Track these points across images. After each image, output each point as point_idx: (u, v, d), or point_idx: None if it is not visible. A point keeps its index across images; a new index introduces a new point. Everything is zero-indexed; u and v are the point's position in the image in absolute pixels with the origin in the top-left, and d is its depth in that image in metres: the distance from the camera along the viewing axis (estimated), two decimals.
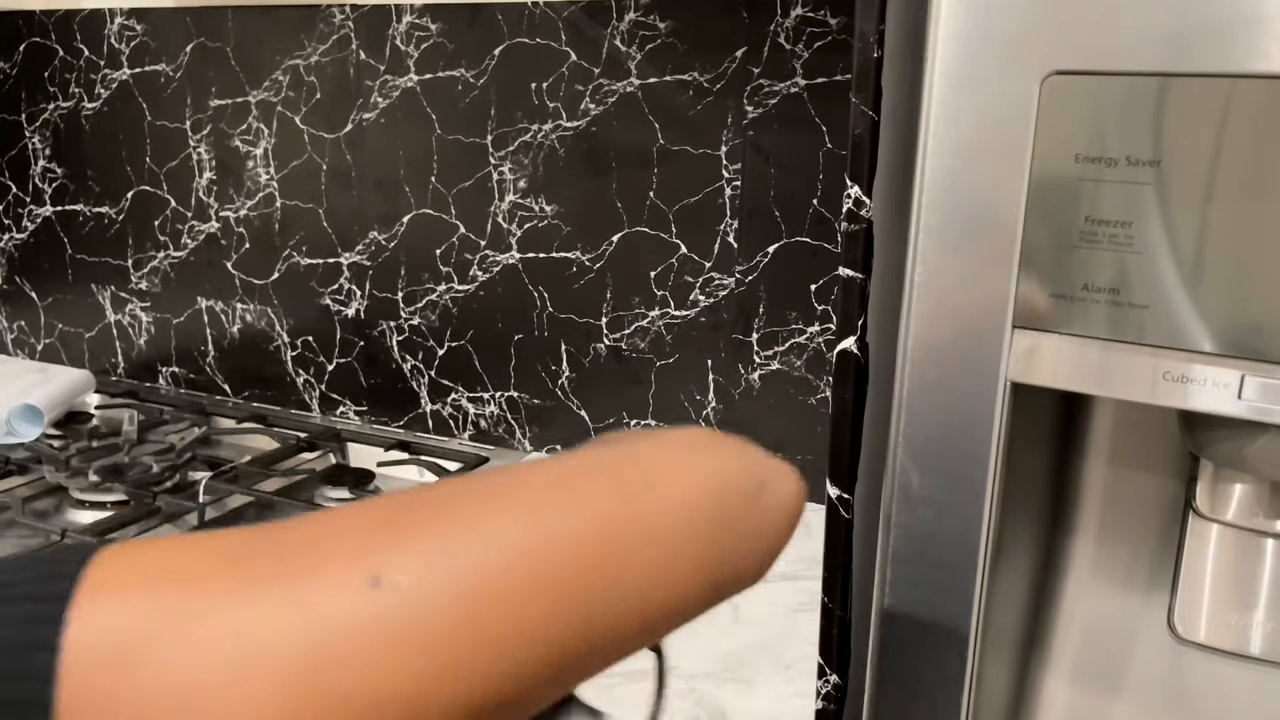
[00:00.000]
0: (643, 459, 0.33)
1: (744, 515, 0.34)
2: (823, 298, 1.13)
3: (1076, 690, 0.65)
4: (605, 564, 0.29)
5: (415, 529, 0.28)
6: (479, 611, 0.26)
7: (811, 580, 1.01)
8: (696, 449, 0.34)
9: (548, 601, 0.28)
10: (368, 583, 0.26)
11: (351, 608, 0.25)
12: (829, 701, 0.62)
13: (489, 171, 1.26)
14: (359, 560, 0.26)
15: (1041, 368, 0.50)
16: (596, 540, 0.29)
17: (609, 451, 0.33)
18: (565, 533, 0.28)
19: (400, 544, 0.27)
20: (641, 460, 0.33)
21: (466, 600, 0.26)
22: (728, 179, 1.14)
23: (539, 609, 0.27)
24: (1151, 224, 0.46)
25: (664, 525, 0.31)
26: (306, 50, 1.34)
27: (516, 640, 0.27)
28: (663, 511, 0.31)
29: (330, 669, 0.24)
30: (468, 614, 0.26)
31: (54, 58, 1.53)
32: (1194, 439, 0.55)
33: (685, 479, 0.32)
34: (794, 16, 1.07)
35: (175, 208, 1.50)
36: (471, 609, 0.26)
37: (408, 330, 1.37)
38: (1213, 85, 0.44)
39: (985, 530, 0.53)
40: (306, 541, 0.27)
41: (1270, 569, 0.57)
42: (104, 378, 1.61)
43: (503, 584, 0.27)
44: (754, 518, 0.34)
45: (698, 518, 0.32)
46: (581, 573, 0.28)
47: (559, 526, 0.29)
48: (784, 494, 0.36)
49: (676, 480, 0.32)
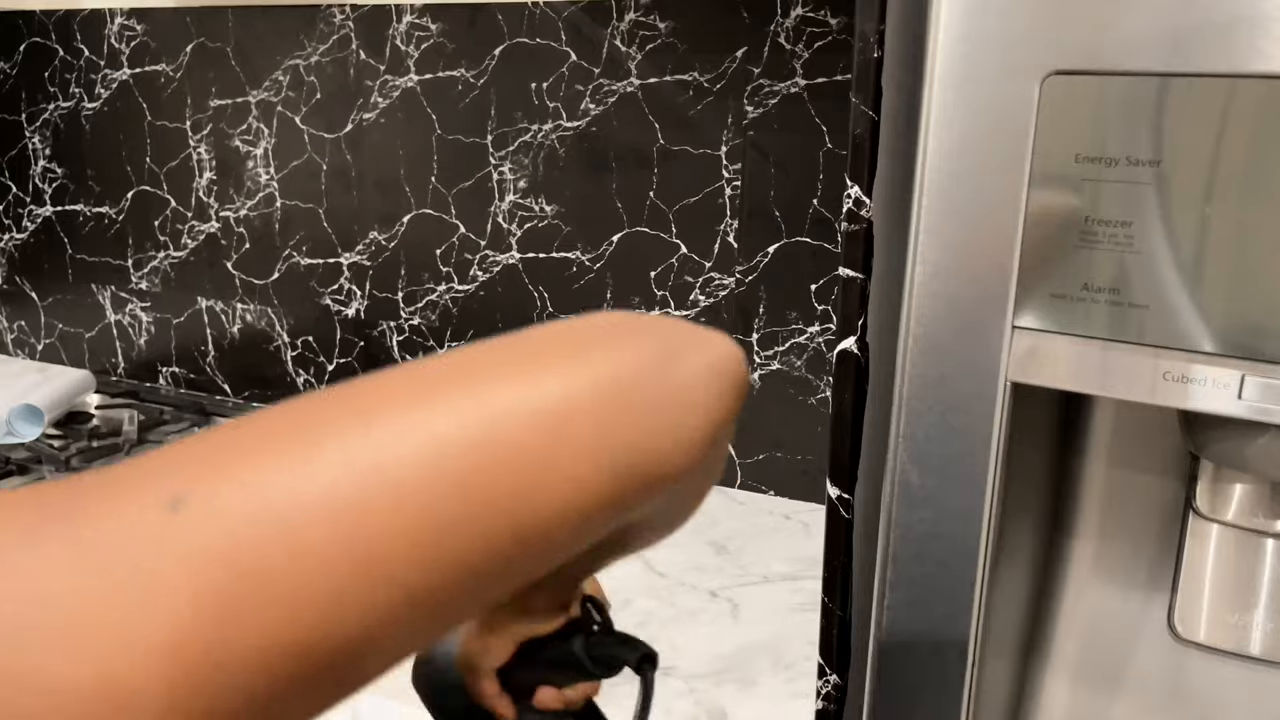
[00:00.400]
0: (521, 357, 0.29)
1: (647, 394, 0.28)
2: (823, 298, 1.13)
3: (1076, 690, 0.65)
4: (459, 484, 0.25)
5: (232, 453, 0.24)
6: (301, 541, 0.22)
7: (811, 580, 1.01)
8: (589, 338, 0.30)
9: (391, 534, 0.23)
10: (166, 505, 0.22)
11: (142, 535, 0.21)
12: (829, 701, 0.62)
13: (489, 171, 1.26)
14: (163, 483, 0.22)
15: (1041, 368, 0.50)
16: (455, 460, 0.25)
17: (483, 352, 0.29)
18: (411, 453, 0.24)
19: (212, 468, 0.23)
20: (518, 358, 0.29)
21: (285, 527, 0.22)
22: (728, 179, 1.14)
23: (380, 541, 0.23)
24: (1151, 224, 0.46)
25: (540, 429, 0.26)
26: (306, 50, 1.34)
27: (353, 571, 0.23)
28: (537, 415, 0.26)
29: (118, 611, 0.21)
30: (288, 541, 0.22)
31: (54, 58, 1.53)
32: (1194, 439, 0.55)
33: (568, 372, 0.28)
34: (794, 16, 1.07)
35: (175, 208, 1.50)
36: (293, 536, 0.22)
37: (408, 330, 1.37)
38: (1213, 85, 0.44)
39: (985, 530, 0.53)
40: (114, 474, 0.23)
41: (1270, 569, 0.57)
42: (104, 378, 1.61)
43: (332, 513, 0.23)
44: (660, 394, 0.29)
45: (585, 409, 0.27)
46: (440, 488, 0.24)
47: (408, 443, 0.24)
48: (708, 358, 0.31)
49: (555, 374, 0.28)
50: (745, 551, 1.07)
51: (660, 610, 0.95)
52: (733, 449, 1.21)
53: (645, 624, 0.92)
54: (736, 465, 1.22)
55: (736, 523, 1.14)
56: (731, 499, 1.20)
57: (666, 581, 1.00)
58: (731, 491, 1.22)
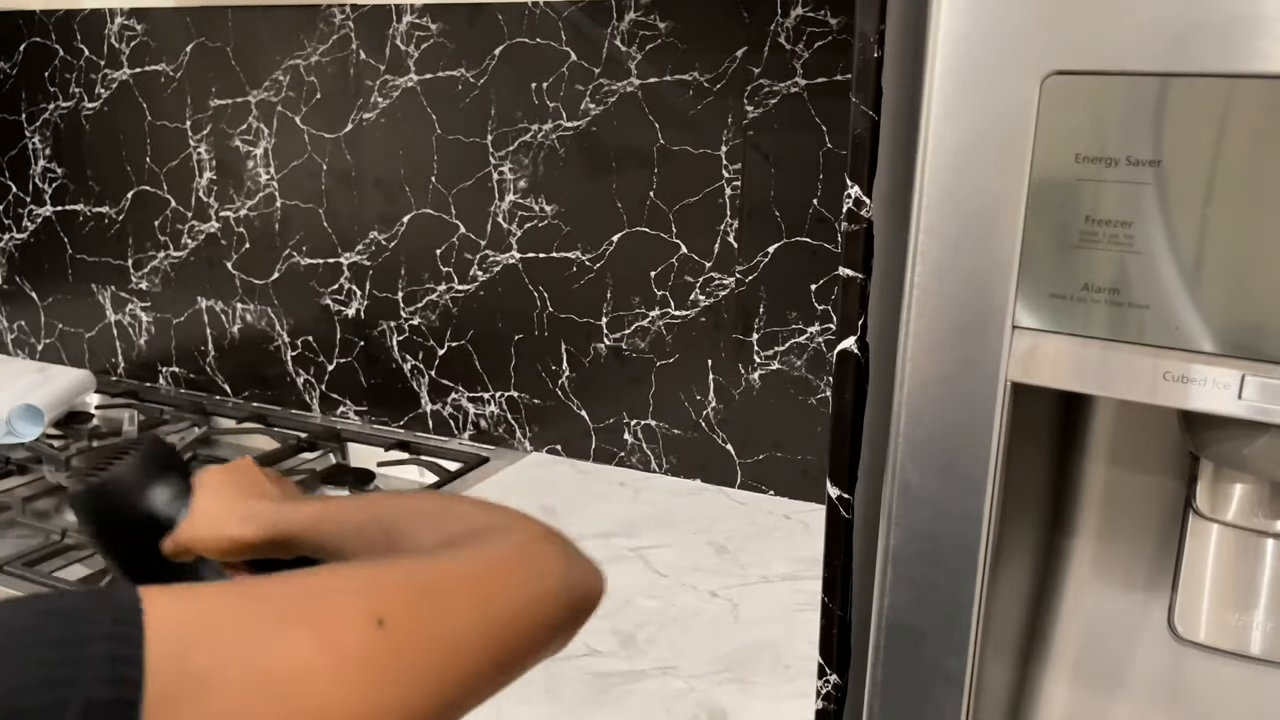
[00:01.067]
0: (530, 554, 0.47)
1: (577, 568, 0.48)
2: (823, 298, 1.13)
3: (1076, 690, 0.65)
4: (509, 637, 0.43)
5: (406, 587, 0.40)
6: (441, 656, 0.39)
7: (811, 580, 1.01)
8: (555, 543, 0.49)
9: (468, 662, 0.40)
10: (374, 622, 0.37)
11: (361, 641, 0.37)
12: (829, 701, 0.62)
13: (489, 171, 1.26)
14: (366, 604, 0.38)
15: (1041, 368, 0.50)
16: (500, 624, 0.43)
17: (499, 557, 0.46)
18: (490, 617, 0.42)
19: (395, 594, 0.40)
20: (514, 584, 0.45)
21: (437, 647, 0.39)
22: (728, 179, 1.14)
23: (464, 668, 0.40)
24: (1151, 224, 0.46)
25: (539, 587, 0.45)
26: (306, 50, 1.34)
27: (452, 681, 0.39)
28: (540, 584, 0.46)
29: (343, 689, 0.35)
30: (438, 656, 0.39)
31: (54, 58, 1.53)
32: (1194, 439, 0.55)
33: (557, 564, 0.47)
34: (794, 16, 1.07)
35: (175, 208, 1.50)
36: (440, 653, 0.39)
37: (408, 330, 1.37)
38: (1213, 85, 0.44)
39: (985, 530, 0.53)
40: (317, 587, 0.39)
41: (1270, 569, 0.57)
42: (104, 378, 1.61)
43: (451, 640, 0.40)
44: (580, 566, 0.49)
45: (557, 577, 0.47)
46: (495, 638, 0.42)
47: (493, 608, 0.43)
48: (593, 598, 0.49)
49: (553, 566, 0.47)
50: (745, 551, 1.07)
51: (660, 610, 0.95)
52: (733, 449, 1.21)
53: (645, 624, 0.92)
54: (737, 465, 1.22)
55: (736, 523, 1.14)
56: (731, 499, 1.20)
57: (666, 581, 1.00)
58: (731, 491, 1.22)
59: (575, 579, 0.47)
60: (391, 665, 0.36)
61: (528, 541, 0.47)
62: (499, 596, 0.42)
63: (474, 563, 0.43)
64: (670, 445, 1.25)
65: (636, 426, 1.26)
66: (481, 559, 0.44)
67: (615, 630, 0.91)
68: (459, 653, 0.39)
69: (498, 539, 0.46)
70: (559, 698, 0.81)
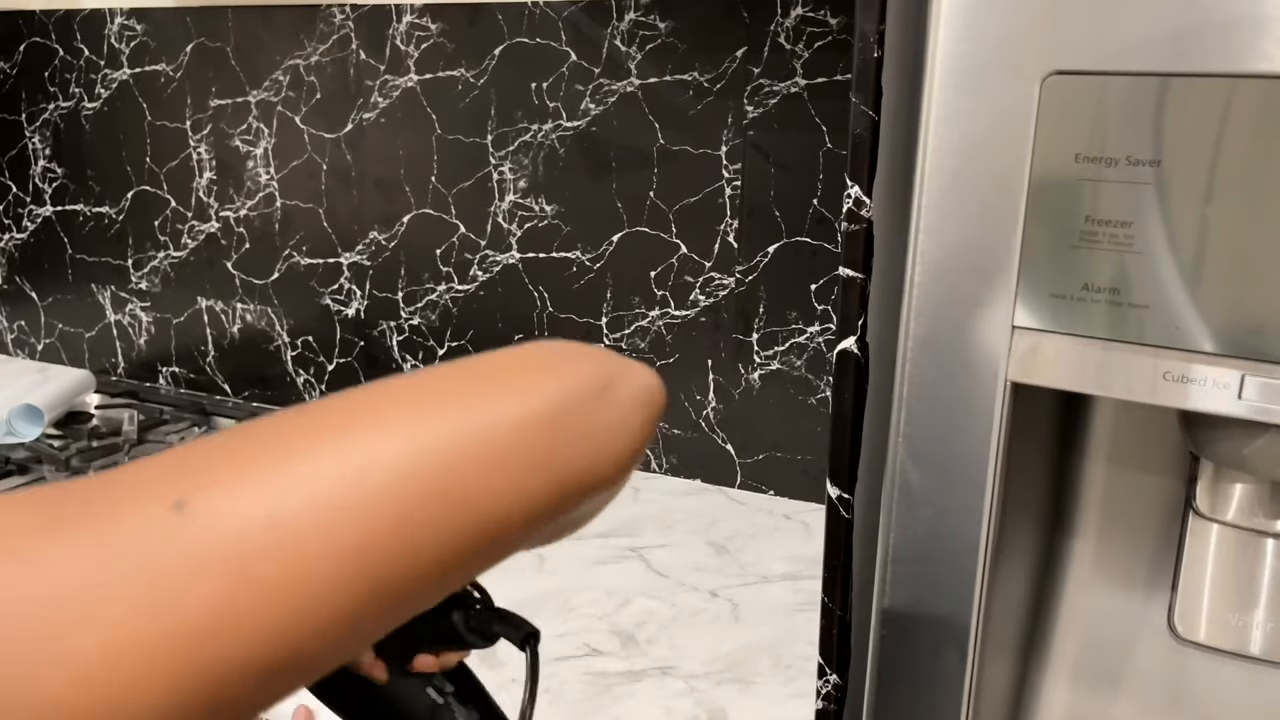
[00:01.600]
0: (482, 378, 0.33)
1: (587, 417, 0.33)
2: (823, 298, 1.13)
3: (1076, 690, 0.65)
4: (435, 489, 0.28)
5: (229, 460, 0.27)
6: (298, 541, 0.25)
7: (811, 580, 1.01)
8: (539, 364, 0.34)
9: (373, 533, 0.26)
10: (171, 507, 0.24)
11: (152, 532, 0.24)
12: (829, 701, 0.62)
13: (489, 171, 1.26)
14: (164, 488, 0.25)
15: (1041, 368, 0.50)
16: (430, 468, 0.28)
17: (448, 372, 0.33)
18: (391, 460, 0.28)
19: (211, 473, 0.26)
20: (480, 379, 0.33)
21: (283, 529, 0.25)
22: (728, 179, 1.14)
23: (364, 539, 0.26)
24: (1151, 224, 0.46)
25: (501, 443, 0.30)
26: (306, 50, 1.34)
27: (339, 571, 0.26)
28: (500, 431, 0.30)
29: (136, 602, 0.23)
30: (286, 541, 0.25)
31: (54, 58, 1.53)
32: (1194, 439, 0.55)
33: (524, 394, 0.32)
34: (794, 16, 1.07)
35: (175, 208, 1.50)
36: (290, 537, 0.25)
37: (408, 330, 1.37)
38: (1213, 85, 0.44)
39: (985, 530, 0.53)
40: (115, 479, 0.26)
41: (1270, 569, 0.57)
42: (104, 378, 1.61)
43: (324, 515, 0.26)
44: (598, 418, 0.33)
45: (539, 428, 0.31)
46: (415, 493, 0.27)
47: (388, 452, 0.28)
48: (634, 389, 0.35)
49: (515, 396, 0.32)
50: (745, 551, 1.07)
51: (660, 610, 0.95)
52: (733, 449, 1.21)
53: (645, 624, 0.92)
54: (736, 465, 1.22)
55: (736, 523, 1.14)
56: (731, 499, 1.20)
57: (666, 581, 1.00)
58: (731, 491, 1.22)
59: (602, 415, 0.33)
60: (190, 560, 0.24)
61: None
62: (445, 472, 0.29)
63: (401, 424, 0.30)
64: (670, 445, 1.25)
65: None
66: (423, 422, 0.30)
67: (615, 630, 0.91)
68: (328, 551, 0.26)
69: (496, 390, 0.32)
70: (559, 698, 0.81)
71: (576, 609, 0.95)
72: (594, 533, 1.10)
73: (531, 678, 0.48)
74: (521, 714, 0.48)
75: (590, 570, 1.02)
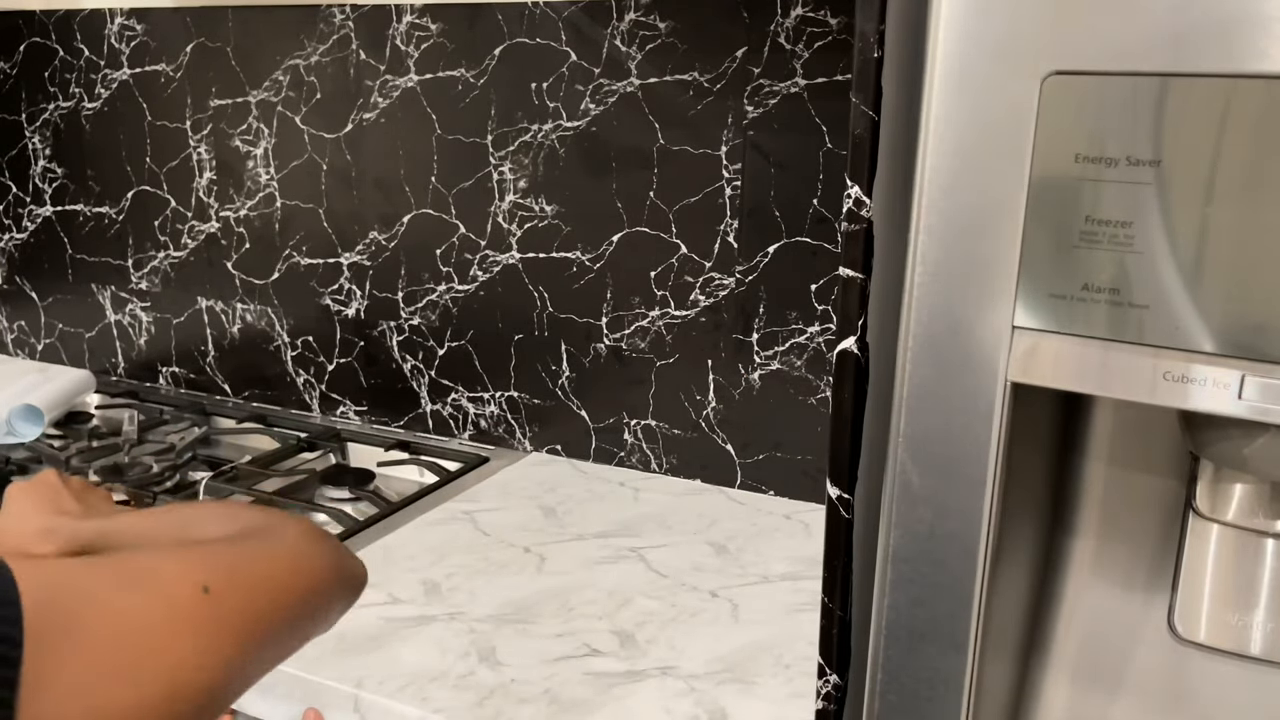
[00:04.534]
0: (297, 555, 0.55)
1: (339, 551, 0.59)
2: (823, 298, 1.13)
3: (1076, 690, 0.65)
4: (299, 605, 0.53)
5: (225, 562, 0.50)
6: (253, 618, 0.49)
7: (811, 580, 1.01)
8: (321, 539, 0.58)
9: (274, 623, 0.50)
10: (201, 588, 0.46)
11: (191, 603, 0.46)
12: (829, 701, 0.62)
13: (489, 171, 1.26)
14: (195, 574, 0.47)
15: (1041, 368, 0.50)
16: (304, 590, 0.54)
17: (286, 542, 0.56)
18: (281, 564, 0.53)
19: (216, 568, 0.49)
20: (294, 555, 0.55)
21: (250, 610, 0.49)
22: (728, 179, 1.14)
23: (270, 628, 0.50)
24: (1151, 224, 0.46)
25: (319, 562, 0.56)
26: (306, 50, 1.34)
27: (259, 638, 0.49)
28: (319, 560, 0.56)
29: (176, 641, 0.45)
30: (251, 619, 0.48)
31: (54, 58, 1.53)
32: (1194, 439, 0.55)
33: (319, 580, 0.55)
34: (794, 16, 1.08)
35: (175, 208, 1.50)
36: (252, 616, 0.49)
37: (408, 330, 1.37)
38: (1213, 85, 0.44)
39: (985, 530, 0.53)
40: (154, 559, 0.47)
41: (1270, 569, 0.57)
42: (104, 378, 1.61)
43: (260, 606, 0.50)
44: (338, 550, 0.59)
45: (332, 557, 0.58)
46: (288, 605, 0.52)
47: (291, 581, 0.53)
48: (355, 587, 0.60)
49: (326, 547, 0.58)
50: (745, 551, 1.07)
51: (660, 610, 0.95)
52: (733, 449, 1.21)
53: (645, 624, 0.92)
54: (737, 465, 1.22)
55: (736, 523, 1.14)
56: (731, 499, 1.20)
57: (666, 581, 1.00)
58: (731, 491, 1.22)
59: (345, 562, 0.58)
60: (214, 622, 0.46)
61: (305, 532, 0.57)
62: (295, 572, 0.53)
63: (272, 546, 0.53)
64: (670, 445, 1.25)
65: (636, 426, 1.26)
66: (278, 543, 0.54)
67: (615, 630, 0.91)
68: (264, 617, 0.49)
69: (284, 530, 0.56)
70: (559, 698, 0.81)
71: (576, 609, 0.95)
72: (594, 532, 1.10)
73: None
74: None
75: (590, 570, 1.02)
